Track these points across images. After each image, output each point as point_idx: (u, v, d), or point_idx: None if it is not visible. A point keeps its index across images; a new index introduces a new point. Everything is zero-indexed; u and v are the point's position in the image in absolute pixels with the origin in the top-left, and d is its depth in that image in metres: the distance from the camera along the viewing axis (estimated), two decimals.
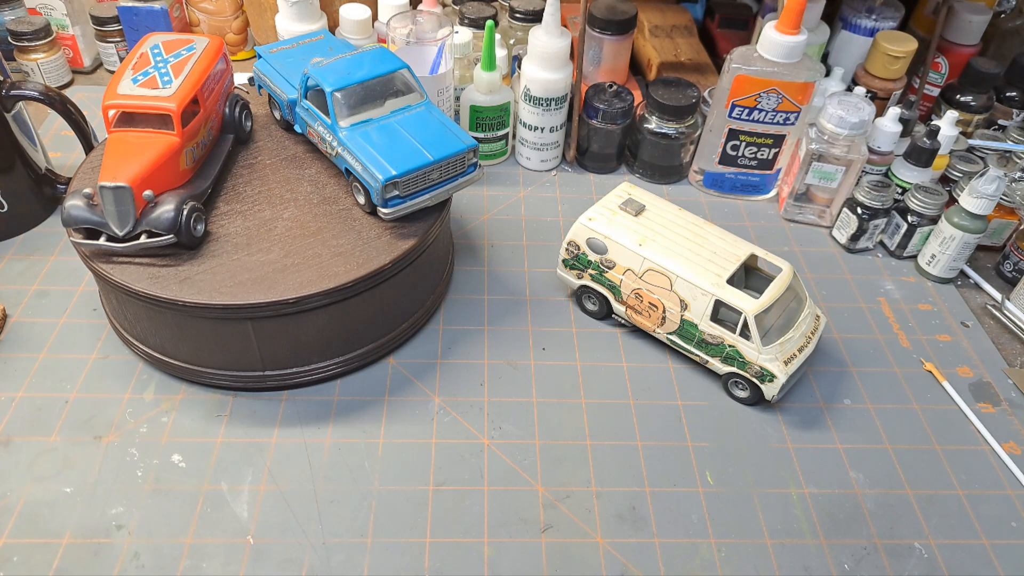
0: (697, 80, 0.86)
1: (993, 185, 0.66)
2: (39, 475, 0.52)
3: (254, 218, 0.58)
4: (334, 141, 0.58)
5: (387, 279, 0.56)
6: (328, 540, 0.50)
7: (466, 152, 0.58)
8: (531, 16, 0.86)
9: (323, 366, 0.58)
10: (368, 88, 0.59)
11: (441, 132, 0.58)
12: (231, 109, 0.63)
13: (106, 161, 0.53)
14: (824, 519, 0.53)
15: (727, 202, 0.81)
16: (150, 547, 0.49)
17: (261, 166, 0.63)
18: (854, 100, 0.73)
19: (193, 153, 0.58)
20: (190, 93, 0.56)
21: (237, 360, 0.56)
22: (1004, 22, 0.93)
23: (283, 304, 0.52)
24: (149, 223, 0.53)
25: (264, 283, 0.53)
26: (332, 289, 0.53)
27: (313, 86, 0.59)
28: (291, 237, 0.56)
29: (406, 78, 0.61)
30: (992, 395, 0.63)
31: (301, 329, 0.55)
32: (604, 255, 0.62)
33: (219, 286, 0.52)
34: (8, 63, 0.88)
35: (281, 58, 0.66)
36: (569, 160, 0.84)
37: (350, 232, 0.57)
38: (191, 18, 0.93)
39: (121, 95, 0.55)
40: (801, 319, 0.59)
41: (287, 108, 0.64)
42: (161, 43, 0.61)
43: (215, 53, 0.61)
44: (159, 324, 0.55)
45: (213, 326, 0.54)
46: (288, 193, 0.60)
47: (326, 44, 0.69)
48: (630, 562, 0.50)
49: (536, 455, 0.56)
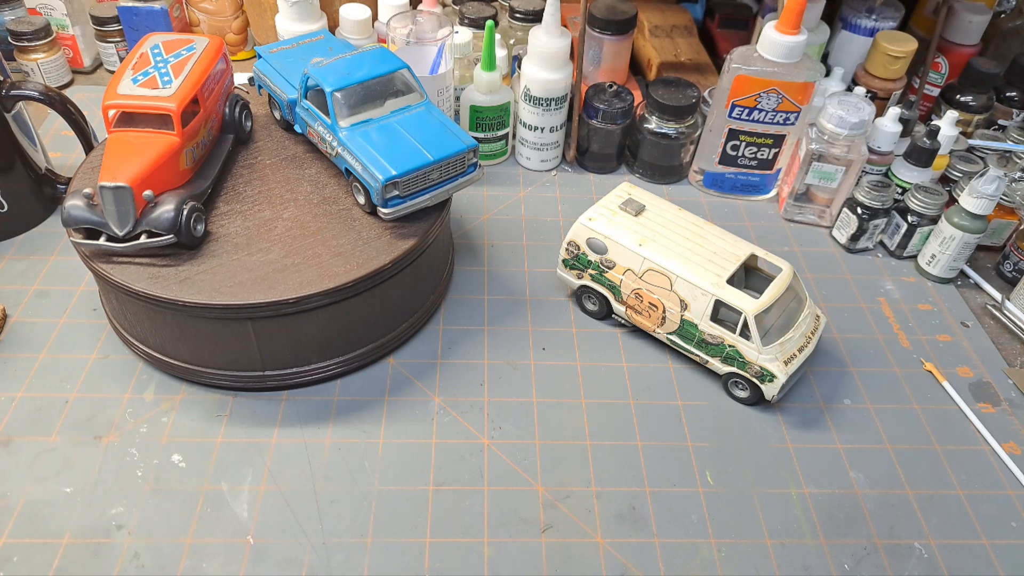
0: (697, 80, 0.86)
1: (993, 185, 0.66)
2: (39, 475, 0.52)
3: (254, 218, 0.58)
4: (334, 141, 0.58)
5: (387, 279, 0.56)
6: (328, 540, 0.50)
7: (466, 152, 0.58)
8: (531, 16, 0.86)
9: (323, 366, 0.58)
10: (368, 88, 0.59)
11: (441, 132, 0.58)
12: (231, 109, 0.63)
13: (106, 161, 0.53)
14: (824, 519, 0.53)
15: (727, 202, 0.81)
16: (150, 547, 0.49)
17: (261, 166, 0.63)
18: (854, 100, 0.73)
19: (193, 153, 0.58)
20: (190, 93, 0.56)
21: (237, 360, 0.56)
22: (1004, 22, 0.93)
23: (283, 304, 0.52)
24: (149, 223, 0.53)
25: (264, 283, 0.53)
26: (332, 289, 0.53)
27: (313, 86, 0.59)
28: (291, 237, 0.56)
29: (406, 78, 0.61)
30: (992, 395, 0.63)
31: (301, 329, 0.55)
32: (604, 255, 0.62)
33: (219, 286, 0.52)
34: (8, 63, 0.88)
35: (281, 58, 0.66)
36: (569, 160, 0.84)
37: (350, 232, 0.57)
38: (191, 18, 0.93)
39: (121, 95, 0.55)
40: (801, 319, 0.59)
41: (287, 108, 0.64)
42: (161, 43, 0.61)
43: (215, 53, 0.61)
44: (159, 324, 0.55)
45: (213, 326, 0.54)
46: (288, 193, 0.60)
47: (326, 44, 0.69)
48: (630, 562, 0.50)
49: (536, 455, 0.56)
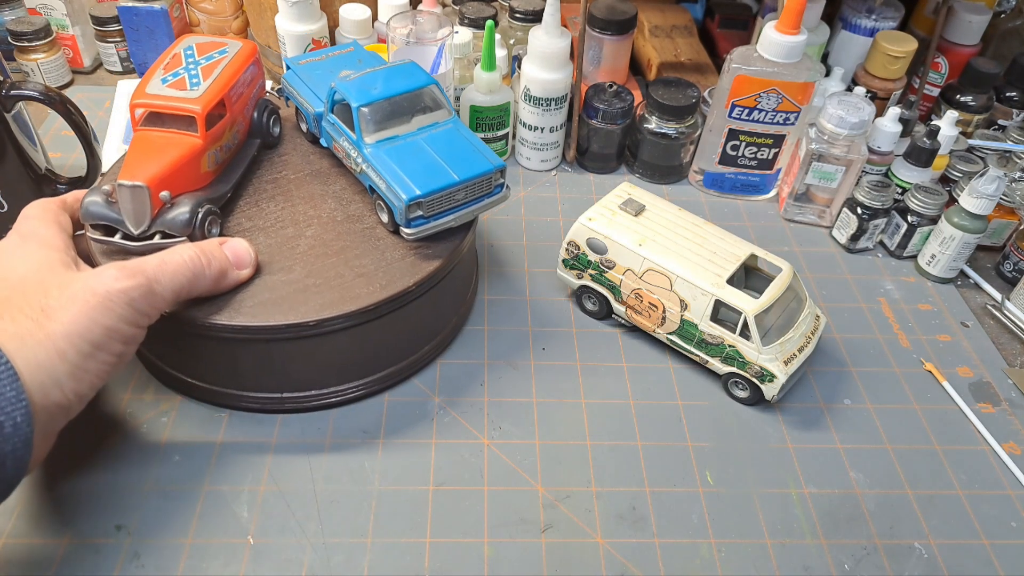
0: (697, 80, 0.86)
1: (993, 185, 0.66)
2: (39, 475, 0.52)
3: (276, 235, 0.57)
4: (359, 157, 0.57)
5: (410, 301, 0.55)
6: (328, 540, 0.50)
7: (493, 172, 0.56)
8: (531, 16, 0.85)
9: (341, 389, 0.57)
10: (395, 104, 0.57)
11: (468, 151, 0.57)
12: (259, 114, 0.62)
13: (128, 159, 0.53)
14: (824, 519, 0.53)
15: (727, 202, 0.81)
16: (150, 547, 0.49)
17: (285, 181, 0.62)
18: (854, 100, 0.73)
19: (216, 156, 0.57)
20: (217, 96, 0.56)
21: (255, 382, 0.55)
22: (1004, 22, 0.93)
23: (303, 326, 0.51)
24: (164, 224, 0.52)
25: (284, 304, 0.52)
26: (354, 312, 0.52)
27: (340, 100, 0.58)
28: (313, 256, 0.55)
29: (435, 94, 0.59)
30: (992, 395, 0.63)
31: (321, 351, 0.54)
32: (604, 255, 0.62)
33: (239, 306, 0.51)
34: (8, 63, 0.87)
35: (309, 70, 0.65)
36: (569, 160, 0.84)
37: (374, 252, 0.56)
38: (191, 18, 0.93)
39: (149, 94, 0.55)
40: (801, 319, 0.59)
41: (313, 121, 0.63)
42: (195, 44, 0.60)
43: (247, 58, 0.60)
44: (181, 345, 0.54)
45: (230, 346, 0.53)
46: (312, 210, 0.59)
47: (355, 56, 0.67)
48: (630, 562, 0.50)
49: (536, 455, 0.56)
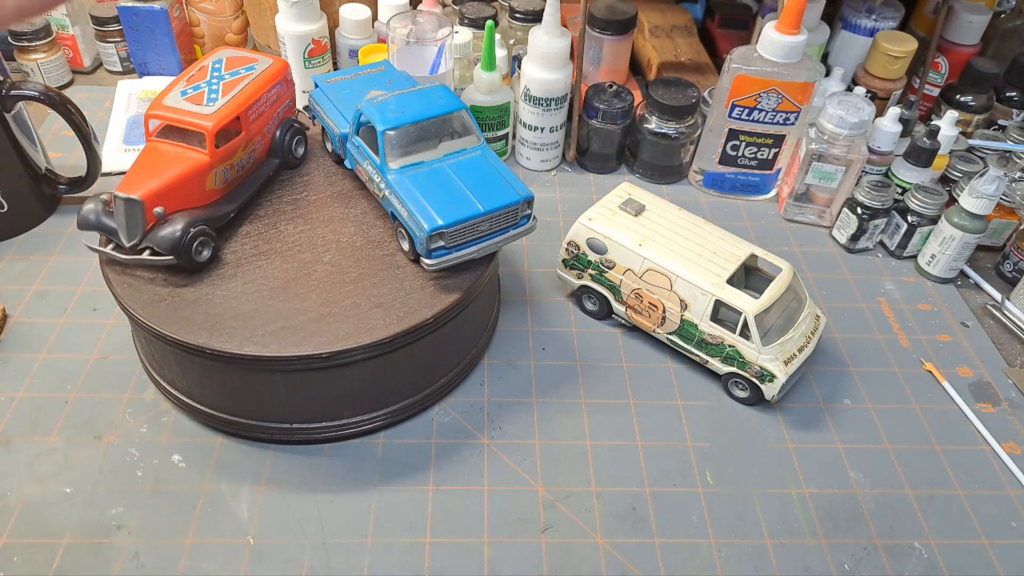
0: (697, 80, 0.86)
1: (993, 185, 0.66)
2: (39, 475, 0.52)
3: (293, 260, 0.55)
4: (382, 183, 0.55)
5: (428, 334, 0.53)
6: (328, 540, 0.50)
7: (520, 204, 0.54)
8: (531, 16, 0.86)
9: (354, 421, 0.55)
10: (422, 128, 0.55)
11: (495, 180, 0.55)
12: (282, 133, 0.61)
13: (132, 169, 0.53)
14: (824, 519, 0.53)
15: (727, 202, 0.81)
16: (150, 547, 0.49)
17: (306, 202, 0.60)
18: (854, 100, 0.73)
19: (225, 174, 0.56)
20: (232, 114, 0.55)
21: (263, 411, 0.54)
22: (1004, 22, 0.93)
23: (315, 359, 0.49)
24: (153, 240, 0.52)
25: (298, 334, 0.50)
26: (369, 344, 0.50)
27: (365, 122, 0.56)
28: (330, 283, 0.54)
29: (464, 120, 0.57)
30: (992, 395, 0.63)
31: (333, 383, 0.52)
32: (604, 255, 0.62)
33: (251, 334, 0.50)
34: (8, 63, 0.88)
35: (337, 89, 0.63)
36: (569, 160, 0.84)
37: (392, 281, 0.54)
38: (191, 18, 0.93)
39: (164, 106, 0.54)
40: (801, 319, 0.59)
41: (339, 142, 0.61)
42: (225, 58, 0.59)
43: (274, 75, 0.59)
44: (187, 369, 0.53)
45: (241, 375, 0.52)
46: (331, 234, 0.57)
47: (385, 76, 0.65)
48: (630, 562, 0.50)
49: (536, 455, 0.56)
